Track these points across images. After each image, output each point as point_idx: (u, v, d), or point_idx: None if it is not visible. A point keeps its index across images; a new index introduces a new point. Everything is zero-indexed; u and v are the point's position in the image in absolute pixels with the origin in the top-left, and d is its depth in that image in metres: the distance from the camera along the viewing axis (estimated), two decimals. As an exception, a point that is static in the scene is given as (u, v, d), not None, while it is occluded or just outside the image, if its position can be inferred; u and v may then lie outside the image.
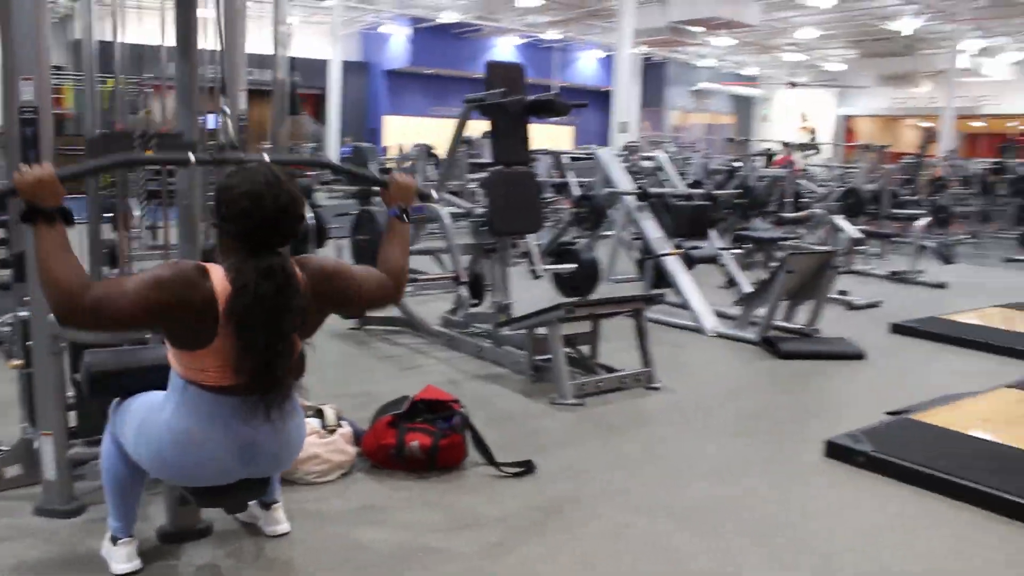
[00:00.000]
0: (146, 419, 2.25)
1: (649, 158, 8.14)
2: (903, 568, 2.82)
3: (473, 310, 5.56)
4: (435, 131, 21.10)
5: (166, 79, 4.81)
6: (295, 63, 3.32)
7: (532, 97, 4.96)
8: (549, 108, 4.88)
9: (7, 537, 2.75)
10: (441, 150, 13.66)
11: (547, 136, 19.14)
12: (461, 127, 5.26)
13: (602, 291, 6.43)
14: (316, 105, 22.21)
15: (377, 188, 2.60)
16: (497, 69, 4.98)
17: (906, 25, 19.26)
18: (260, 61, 3.40)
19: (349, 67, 23.07)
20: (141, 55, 5.53)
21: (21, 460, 3.14)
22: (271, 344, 2.05)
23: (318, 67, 21.46)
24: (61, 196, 2.06)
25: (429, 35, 23.09)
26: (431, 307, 6.03)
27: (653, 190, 6.66)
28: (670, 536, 2.97)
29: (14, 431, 3.19)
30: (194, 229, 2.84)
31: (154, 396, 2.33)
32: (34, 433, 3.01)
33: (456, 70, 24.26)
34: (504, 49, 25.06)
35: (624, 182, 6.77)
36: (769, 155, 16.01)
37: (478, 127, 16.41)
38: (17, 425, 3.23)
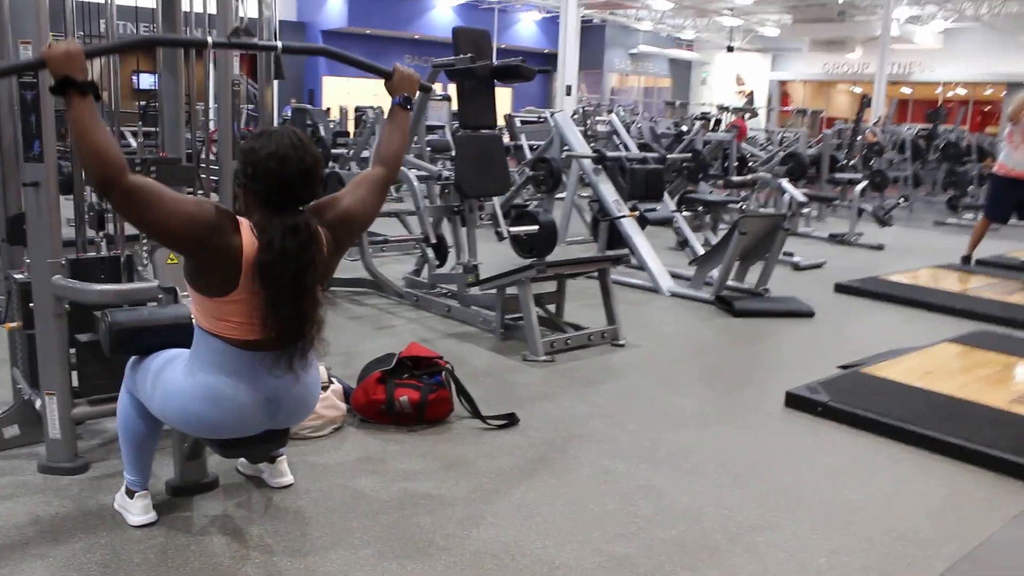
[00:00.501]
0: (171, 376, 2.33)
1: (602, 122, 8.29)
2: (866, 503, 3.07)
3: (437, 271, 5.68)
4: (373, 92, 20.92)
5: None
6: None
7: (499, 62, 5.06)
8: (515, 73, 4.98)
9: (16, 495, 2.81)
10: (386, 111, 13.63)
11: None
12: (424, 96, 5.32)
13: (557, 253, 6.60)
14: (251, 66, 21.76)
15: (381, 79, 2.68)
16: (464, 34, 5.07)
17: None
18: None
19: (285, 27, 22.63)
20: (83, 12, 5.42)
21: (19, 420, 3.20)
22: (296, 298, 2.15)
23: (251, 28, 21.00)
24: (86, 72, 2.09)
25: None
26: (392, 268, 6.13)
27: (610, 153, 6.82)
28: (651, 479, 3.17)
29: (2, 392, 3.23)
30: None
31: (177, 353, 2.42)
32: (34, 393, 3.06)
33: (395, 31, 24.04)
34: (443, 11, 24.89)
35: (581, 145, 6.92)
36: (706, 118, 16.32)
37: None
38: (4, 386, 3.30)
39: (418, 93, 2.72)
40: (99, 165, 2.03)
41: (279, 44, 2.41)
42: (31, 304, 2.92)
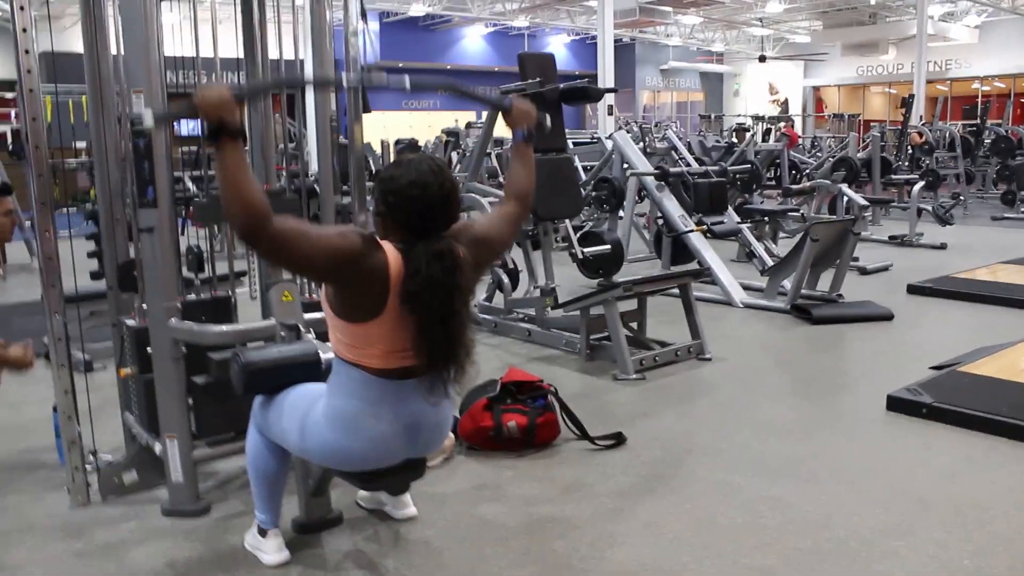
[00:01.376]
0: (310, 410, 2.34)
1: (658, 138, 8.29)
2: (993, 502, 3.00)
3: (512, 295, 5.69)
4: (410, 124, 21.13)
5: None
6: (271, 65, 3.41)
7: (565, 85, 5.09)
8: (583, 95, 5.02)
9: (146, 539, 2.84)
10: (422, 141, 13.72)
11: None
12: (493, 119, 5.37)
13: (621, 271, 6.58)
14: (290, 105, 22.07)
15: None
16: (530, 60, 5.12)
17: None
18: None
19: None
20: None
21: (136, 466, 3.24)
22: (445, 323, 2.16)
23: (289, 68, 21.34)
24: (236, 115, 2.09)
25: (398, 28, 23.07)
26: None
27: (673, 169, 6.81)
28: (771, 489, 3.13)
29: (105, 439, 3.26)
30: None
31: (312, 388, 2.43)
32: (152, 438, 3.10)
33: (426, 62, 24.29)
34: (473, 39, 25.18)
35: (643, 163, 6.92)
36: (743, 129, 16.25)
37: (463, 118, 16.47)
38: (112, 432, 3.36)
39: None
40: (248, 213, 2.02)
41: (407, 82, 2.41)
42: (148, 349, 2.96)
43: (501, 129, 6.37)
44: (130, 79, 2.80)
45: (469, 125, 13.73)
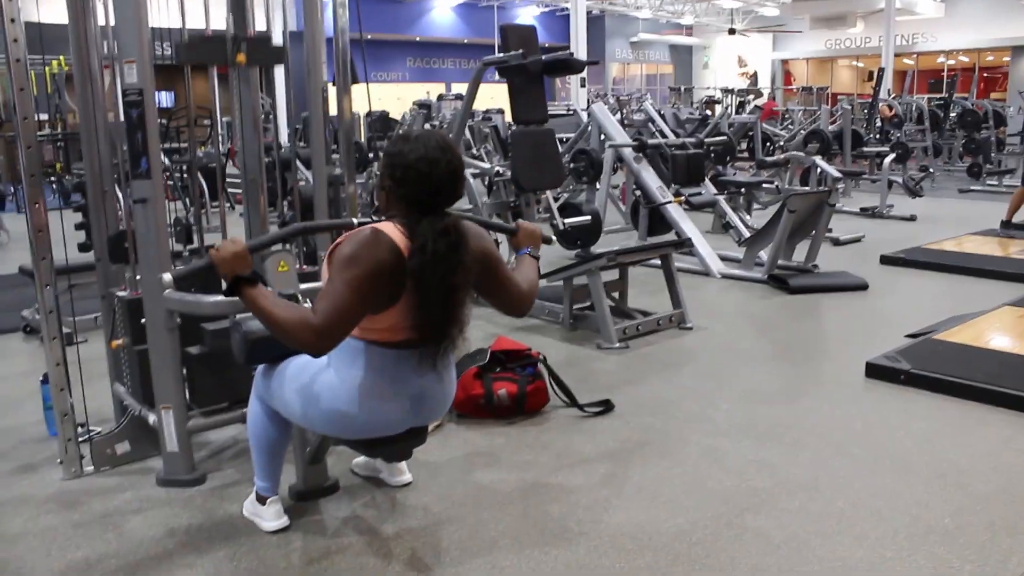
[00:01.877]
0: (315, 380, 2.35)
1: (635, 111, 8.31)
2: (972, 464, 3.10)
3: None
4: (379, 97, 20.93)
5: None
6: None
7: (548, 56, 5.09)
8: (565, 66, 5.02)
9: (144, 508, 2.85)
10: (395, 114, 13.62)
11: (488, 95, 19.12)
12: (474, 89, 5.36)
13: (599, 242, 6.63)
14: (260, 78, 21.77)
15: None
16: (513, 32, 5.10)
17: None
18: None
19: (290, 37, 22.66)
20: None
21: (129, 436, 3.24)
22: (448, 298, 2.18)
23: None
24: (251, 265, 2.18)
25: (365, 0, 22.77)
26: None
27: (651, 141, 6.85)
28: (759, 453, 3.21)
29: (92, 410, 3.26)
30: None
31: (311, 358, 2.45)
32: (145, 409, 3.10)
33: (396, 34, 24.03)
34: (442, 11, 24.93)
35: (621, 135, 6.95)
36: (713, 102, 16.32)
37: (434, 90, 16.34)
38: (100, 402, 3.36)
39: None
40: (300, 333, 2.05)
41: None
42: (142, 320, 2.96)
43: (480, 102, 6.39)
44: (121, 49, 2.77)
45: (441, 97, 13.67)
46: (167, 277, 2.33)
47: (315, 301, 2.11)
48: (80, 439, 3.15)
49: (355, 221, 2.51)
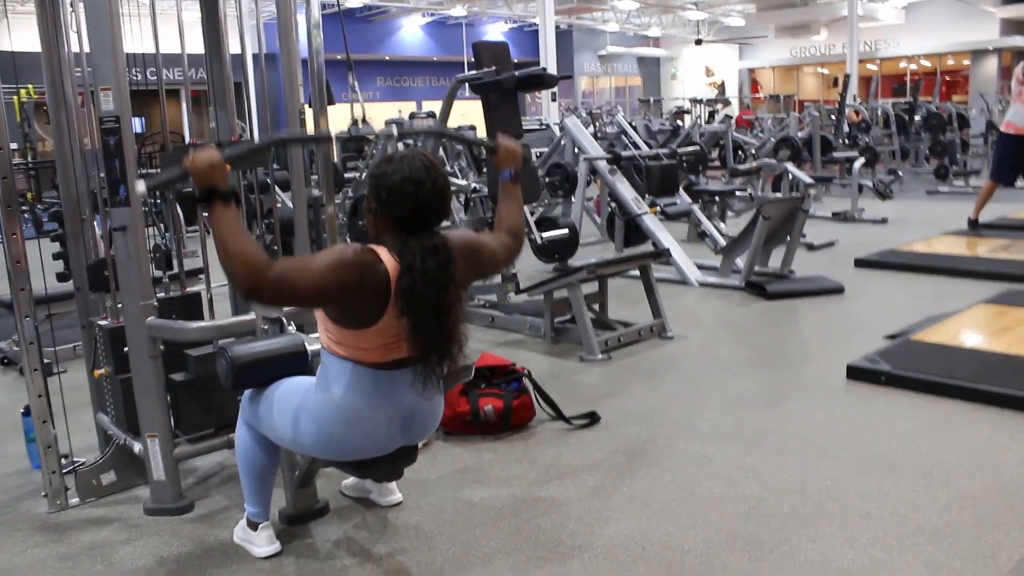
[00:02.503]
0: (303, 403, 2.35)
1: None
2: (957, 462, 3.14)
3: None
4: (350, 121, 20.92)
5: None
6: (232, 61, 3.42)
7: (521, 72, 5.12)
8: (539, 81, 5.06)
9: (132, 538, 2.82)
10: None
11: (459, 111, 19.14)
12: (449, 106, 5.38)
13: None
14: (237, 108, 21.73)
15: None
16: (485, 48, 5.13)
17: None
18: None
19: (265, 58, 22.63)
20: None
21: (114, 466, 3.21)
22: (440, 317, 2.16)
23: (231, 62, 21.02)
24: (227, 178, 2.12)
25: (335, 20, 22.76)
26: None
27: (625, 153, 6.90)
28: (745, 459, 3.23)
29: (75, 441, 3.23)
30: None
31: (302, 380, 2.45)
32: (130, 438, 3.07)
33: (366, 53, 24.03)
34: (411, 30, 24.97)
35: (594, 148, 6.99)
36: (682, 112, 16.45)
37: (405, 108, 16.34)
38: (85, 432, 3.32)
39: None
40: (246, 270, 2.02)
41: (395, 131, 2.45)
42: (125, 348, 2.93)
43: (454, 118, 6.40)
44: (97, 77, 2.76)
45: (412, 115, 13.67)
46: (140, 187, 2.21)
47: (280, 258, 2.08)
48: (64, 471, 3.11)
49: (333, 135, 2.48)
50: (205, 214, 2.13)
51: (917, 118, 13.76)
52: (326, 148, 3.47)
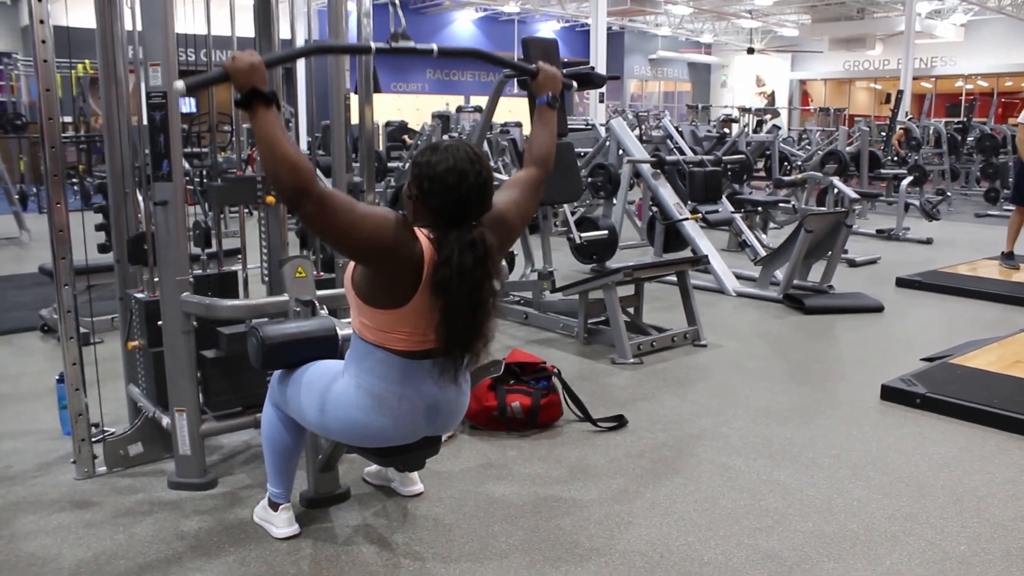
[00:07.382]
0: (330, 387, 2.35)
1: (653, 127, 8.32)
2: (989, 491, 3.07)
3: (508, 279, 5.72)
4: (398, 107, 21.00)
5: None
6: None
7: (570, 70, 5.09)
8: (587, 80, 5.02)
9: (154, 511, 2.85)
10: (414, 124, 13.65)
11: (506, 108, 19.11)
12: (494, 101, 5.37)
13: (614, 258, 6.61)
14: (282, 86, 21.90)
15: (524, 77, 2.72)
16: (535, 44, 5.10)
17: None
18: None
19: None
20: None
21: (142, 438, 3.24)
22: (471, 312, 2.15)
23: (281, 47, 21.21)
24: (267, 80, 2.11)
25: (386, 11, 22.90)
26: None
27: (669, 157, 6.85)
28: (772, 473, 3.19)
29: (106, 411, 3.27)
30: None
31: (329, 365, 2.45)
32: (160, 411, 3.10)
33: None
34: (463, 24, 25.06)
35: (639, 151, 6.95)
36: (731, 120, 16.30)
37: (453, 102, 16.38)
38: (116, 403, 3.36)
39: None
40: (293, 174, 2.03)
41: (435, 47, 2.44)
42: (159, 322, 2.96)
43: (499, 115, 6.40)
44: (147, 52, 2.79)
45: (460, 109, 13.71)
46: (179, 84, 2.23)
47: (334, 189, 2.08)
48: (94, 439, 3.15)
49: (373, 46, 2.48)
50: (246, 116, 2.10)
51: (970, 139, 13.52)
52: (369, 132, 3.47)
